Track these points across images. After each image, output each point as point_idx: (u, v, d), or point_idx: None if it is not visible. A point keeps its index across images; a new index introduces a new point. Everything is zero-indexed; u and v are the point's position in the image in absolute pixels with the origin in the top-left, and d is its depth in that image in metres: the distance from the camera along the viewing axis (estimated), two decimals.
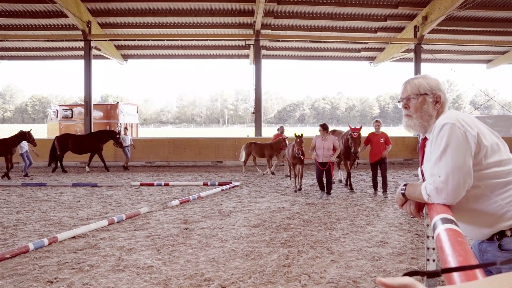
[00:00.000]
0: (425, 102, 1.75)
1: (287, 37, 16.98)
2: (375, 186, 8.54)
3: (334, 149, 8.08)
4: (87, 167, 13.29)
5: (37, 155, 12.49)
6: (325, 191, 8.29)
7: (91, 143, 13.21)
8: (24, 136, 11.58)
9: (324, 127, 8.16)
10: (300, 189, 9.14)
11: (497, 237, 1.56)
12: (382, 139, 8.24)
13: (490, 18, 16.25)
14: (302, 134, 8.77)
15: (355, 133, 8.65)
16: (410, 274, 0.83)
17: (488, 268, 1.44)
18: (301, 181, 9.24)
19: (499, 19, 16.32)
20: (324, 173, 8.17)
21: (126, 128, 14.03)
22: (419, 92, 1.77)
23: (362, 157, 10.68)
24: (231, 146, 15.11)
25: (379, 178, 8.47)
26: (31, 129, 12.08)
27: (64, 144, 13.05)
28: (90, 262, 4.27)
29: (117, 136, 13.26)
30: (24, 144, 11.96)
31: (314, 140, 8.20)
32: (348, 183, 9.28)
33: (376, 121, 8.54)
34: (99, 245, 4.87)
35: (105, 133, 13.60)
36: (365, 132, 9.18)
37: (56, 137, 13.56)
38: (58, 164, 13.17)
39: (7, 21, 15.97)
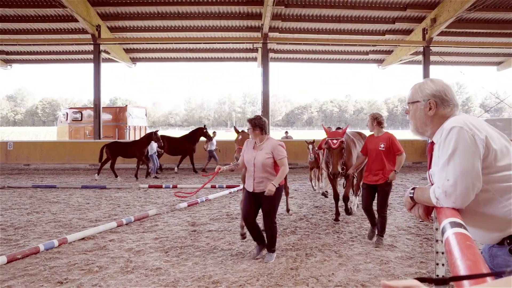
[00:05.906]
0: (417, 109, 1.79)
1: (295, 40, 17.00)
2: (372, 223, 5.16)
3: (277, 167, 4.29)
4: (176, 168, 13.72)
5: (163, 150, 12.96)
6: (262, 243, 4.47)
7: (185, 145, 13.59)
8: (151, 136, 11.87)
9: (258, 124, 4.31)
10: (288, 211, 6.76)
11: (508, 241, 1.55)
12: (382, 145, 4.97)
13: (500, 19, 16.08)
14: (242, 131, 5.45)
15: (334, 141, 5.63)
16: (419, 280, 0.84)
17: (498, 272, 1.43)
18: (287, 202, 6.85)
19: (510, 21, 16.15)
20: (262, 208, 4.36)
21: (214, 132, 14.32)
22: (412, 99, 1.81)
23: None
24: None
25: (374, 205, 5.26)
26: (158, 130, 12.43)
27: None
28: (99, 263, 4.31)
29: (204, 130, 13.53)
30: (153, 146, 12.25)
31: (244, 147, 4.56)
32: (345, 207, 6.32)
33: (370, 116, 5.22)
34: (108, 247, 4.92)
35: (196, 132, 13.87)
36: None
37: None
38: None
39: (19, 25, 16.30)
